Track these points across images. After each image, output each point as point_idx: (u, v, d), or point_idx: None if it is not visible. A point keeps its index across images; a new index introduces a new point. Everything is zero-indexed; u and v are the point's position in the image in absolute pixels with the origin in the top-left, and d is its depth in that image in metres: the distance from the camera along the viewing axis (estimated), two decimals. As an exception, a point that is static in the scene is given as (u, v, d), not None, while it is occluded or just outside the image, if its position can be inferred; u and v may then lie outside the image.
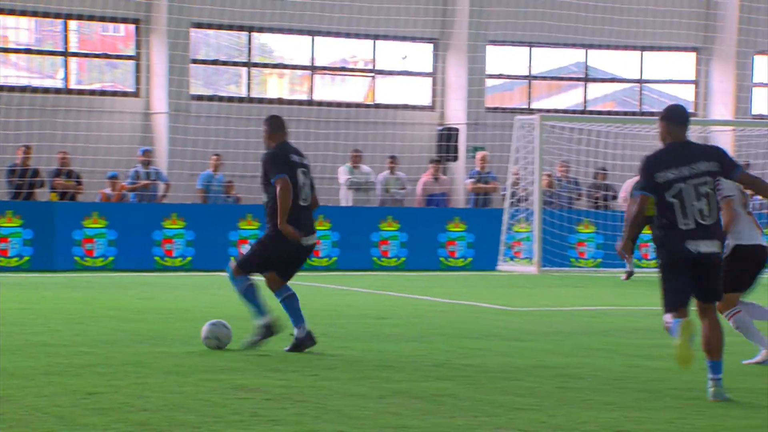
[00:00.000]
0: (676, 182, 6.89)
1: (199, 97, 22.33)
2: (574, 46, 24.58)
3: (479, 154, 22.01)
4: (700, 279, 6.88)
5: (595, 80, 25.42)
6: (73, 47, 21.92)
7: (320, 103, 23.28)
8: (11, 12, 21.24)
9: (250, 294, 8.95)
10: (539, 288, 16.76)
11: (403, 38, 23.93)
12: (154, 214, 19.11)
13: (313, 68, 23.60)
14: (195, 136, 21.67)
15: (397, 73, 24.34)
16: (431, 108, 24.25)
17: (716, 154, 7.07)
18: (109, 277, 17.30)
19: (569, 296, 15.34)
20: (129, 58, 22.25)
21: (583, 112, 24.72)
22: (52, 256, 18.11)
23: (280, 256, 8.93)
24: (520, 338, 10.08)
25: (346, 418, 6.09)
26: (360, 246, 20.03)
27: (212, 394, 6.75)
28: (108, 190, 19.83)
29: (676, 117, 7.11)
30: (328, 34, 23.29)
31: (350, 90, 24.14)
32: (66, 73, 21.71)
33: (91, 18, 21.65)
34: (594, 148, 22.26)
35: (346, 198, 21.03)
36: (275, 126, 9.14)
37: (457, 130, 22.99)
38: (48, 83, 21.81)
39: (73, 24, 21.73)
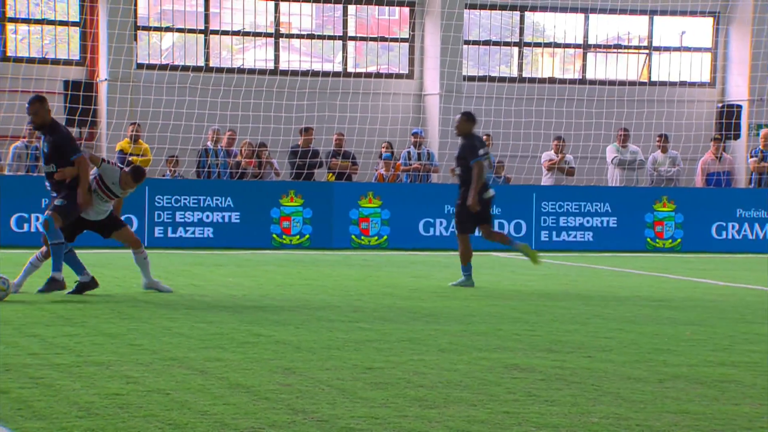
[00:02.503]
0: None
1: (471, 78, 22.46)
2: None
3: (763, 132, 21.00)
4: None
5: None
6: (350, 31, 22.59)
7: (593, 82, 22.88)
8: (296, -1, 22.15)
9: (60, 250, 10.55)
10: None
11: (682, 12, 23.12)
12: (426, 194, 19.40)
13: (586, 46, 23.22)
14: (467, 117, 21.80)
15: (675, 49, 23.56)
16: (711, 84, 23.33)
17: None
18: (384, 255, 17.74)
19: None
20: (403, 40, 22.69)
21: None
22: (330, 234, 18.77)
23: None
24: (808, 325, 9.54)
25: (624, 401, 5.96)
26: (633, 226, 19.58)
27: (486, 372, 6.78)
28: (383, 171, 20.33)
29: None
30: (602, 11, 22.84)
31: (624, 67, 23.57)
32: (344, 57, 22.40)
33: (368, 2, 22.26)
34: None
35: (613, 177, 20.61)
36: None
37: (739, 106, 22.03)
38: (327, 67, 22.58)
39: (351, 8, 22.40)
